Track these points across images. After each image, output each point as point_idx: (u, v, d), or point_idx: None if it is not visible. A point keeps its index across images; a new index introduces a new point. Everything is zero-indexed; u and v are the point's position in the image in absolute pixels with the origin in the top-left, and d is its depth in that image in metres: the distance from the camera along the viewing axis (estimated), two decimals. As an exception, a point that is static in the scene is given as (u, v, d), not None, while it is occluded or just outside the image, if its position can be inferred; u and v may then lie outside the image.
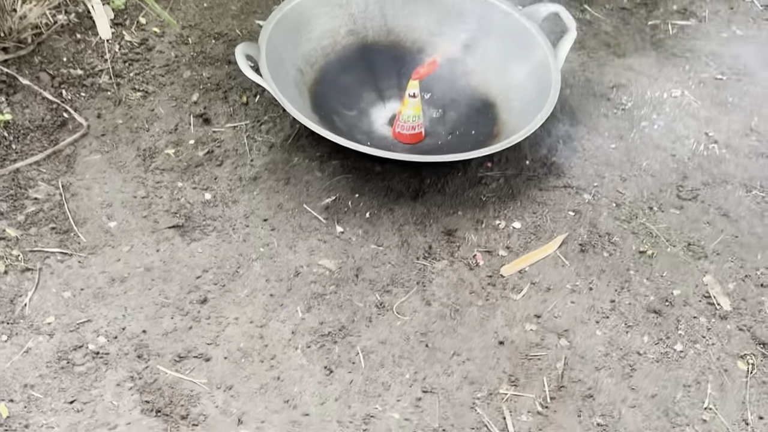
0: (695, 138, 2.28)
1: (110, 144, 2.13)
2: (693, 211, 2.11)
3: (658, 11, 2.66)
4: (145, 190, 2.05)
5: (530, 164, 2.18)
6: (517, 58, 2.28)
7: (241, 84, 2.29)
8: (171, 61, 2.34)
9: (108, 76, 2.27)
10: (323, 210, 2.04)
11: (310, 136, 2.17)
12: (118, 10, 2.43)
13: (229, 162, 2.12)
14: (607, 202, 2.11)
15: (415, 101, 2.16)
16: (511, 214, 2.07)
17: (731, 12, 2.69)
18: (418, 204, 2.07)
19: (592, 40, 2.53)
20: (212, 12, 2.48)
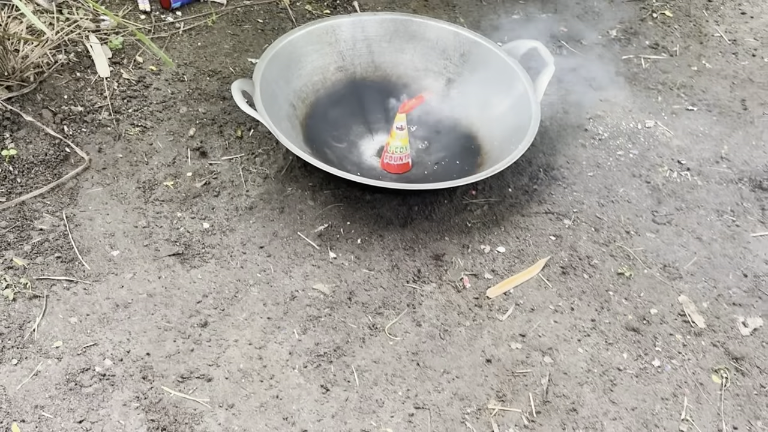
0: (668, 166, 2.39)
1: (111, 177, 2.22)
2: (668, 235, 2.22)
3: (631, 46, 2.78)
4: (146, 220, 2.13)
5: (513, 192, 2.28)
6: (498, 91, 2.39)
7: (236, 119, 2.38)
8: (168, 97, 2.43)
9: (108, 112, 2.37)
10: (317, 237, 2.13)
11: (302, 168, 2.27)
12: (115, 49, 2.53)
13: (225, 193, 2.21)
14: (587, 227, 2.22)
15: (402, 133, 2.26)
16: (496, 239, 2.17)
17: (701, 46, 2.81)
18: (407, 230, 2.16)
19: (569, 74, 2.65)
20: (206, 51, 2.59)
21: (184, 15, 2.70)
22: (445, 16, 2.77)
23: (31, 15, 2.18)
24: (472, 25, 2.72)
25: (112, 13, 2.65)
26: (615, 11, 2.91)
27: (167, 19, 2.67)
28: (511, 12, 2.86)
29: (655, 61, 2.73)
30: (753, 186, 2.36)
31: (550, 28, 2.81)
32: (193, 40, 2.62)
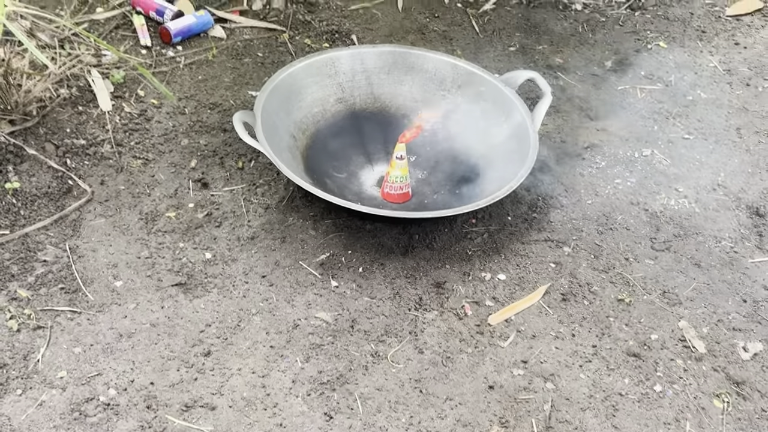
0: (666, 193, 2.42)
1: (114, 209, 2.24)
2: (667, 261, 2.24)
3: (627, 77, 2.81)
4: (149, 251, 2.15)
5: (512, 220, 2.30)
6: (496, 121, 2.41)
7: (237, 150, 2.41)
8: (169, 130, 2.46)
9: (110, 145, 2.39)
10: (318, 266, 2.14)
11: (303, 198, 2.29)
12: (117, 83, 2.56)
13: (227, 223, 2.23)
14: (586, 254, 2.24)
15: (402, 163, 2.28)
16: (496, 267, 2.18)
17: (696, 76, 2.84)
18: (408, 259, 2.18)
19: (566, 104, 2.68)
20: (207, 84, 2.61)
21: (184, 49, 2.73)
22: (443, 49, 2.81)
23: (34, 50, 2.21)
24: (470, 57, 2.76)
25: (114, 47, 2.68)
26: (610, 43, 2.94)
27: (168, 54, 2.70)
28: (507, 44, 2.89)
29: (650, 91, 2.76)
30: (750, 213, 2.38)
31: (546, 60, 2.84)
32: (194, 73, 2.65)
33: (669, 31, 3.02)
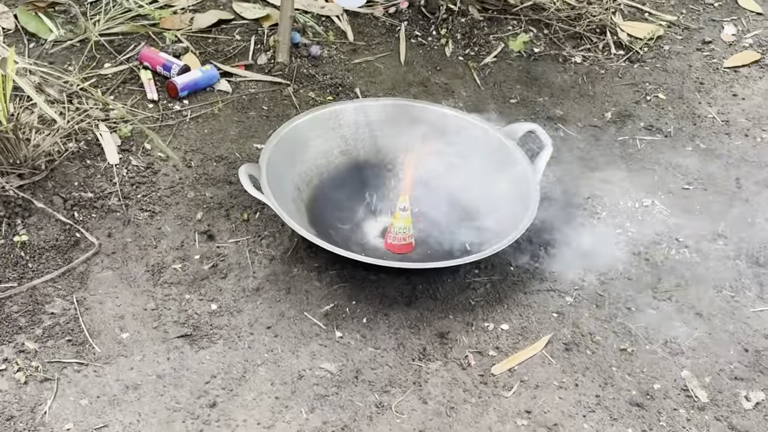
0: (667, 243, 2.44)
1: (121, 261, 2.27)
2: (668, 311, 2.25)
3: (626, 128, 2.85)
4: (155, 302, 2.17)
5: (515, 270, 2.32)
6: (498, 172, 2.44)
7: (242, 202, 2.44)
8: (175, 183, 2.49)
9: (117, 198, 2.42)
10: (323, 317, 2.17)
11: (308, 249, 2.31)
12: (124, 137, 2.60)
13: (232, 275, 2.26)
14: (588, 303, 2.25)
15: (405, 214, 2.31)
16: (499, 317, 2.20)
17: (695, 127, 2.88)
18: (411, 309, 2.20)
19: (567, 155, 2.71)
20: (213, 137, 2.65)
21: (191, 103, 2.77)
22: (445, 101, 2.85)
23: (43, 104, 2.26)
24: (471, 109, 2.80)
25: (121, 102, 2.72)
26: (610, 95, 2.98)
27: (175, 108, 2.75)
28: (508, 96, 2.94)
29: (650, 142, 2.80)
30: (750, 262, 2.40)
31: (547, 111, 2.88)
32: (200, 127, 2.69)
33: (667, 83, 3.06)
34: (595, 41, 3.22)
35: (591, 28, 3.26)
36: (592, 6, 3.35)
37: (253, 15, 3.16)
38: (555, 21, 3.27)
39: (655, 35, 3.27)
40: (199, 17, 3.12)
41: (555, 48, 3.18)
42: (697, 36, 3.32)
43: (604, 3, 3.38)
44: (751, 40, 3.32)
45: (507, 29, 3.25)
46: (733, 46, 3.29)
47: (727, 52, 3.25)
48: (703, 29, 3.37)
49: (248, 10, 3.18)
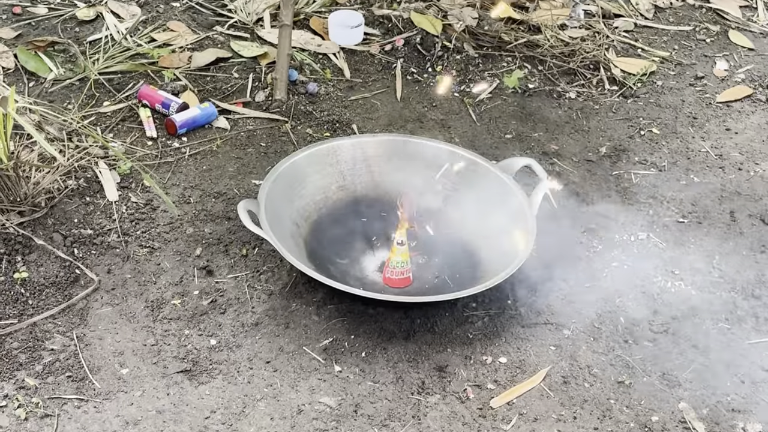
0: (662, 276, 2.46)
1: (120, 297, 2.28)
2: (665, 343, 2.27)
3: (621, 162, 2.88)
4: (155, 338, 2.18)
5: (512, 303, 2.34)
6: (495, 207, 2.47)
7: (241, 238, 2.45)
8: (174, 219, 2.51)
9: (116, 234, 2.44)
10: (322, 351, 2.18)
11: (306, 284, 2.33)
12: (123, 174, 2.62)
13: (231, 310, 2.27)
14: (585, 336, 2.27)
15: (403, 248, 2.33)
16: (497, 350, 2.21)
17: (689, 161, 2.91)
18: (410, 343, 2.21)
19: (562, 189, 2.73)
20: (211, 173, 2.68)
21: (189, 140, 2.80)
22: (441, 136, 2.87)
23: (44, 142, 2.28)
24: (467, 145, 2.82)
25: (120, 139, 2.75)
26: (604, 129, 3.02)
27: (174, 145, 2.77)
28: (504, 132, 2.97)
29: (644, 176, 2.82)
30: (745, 295, 2.42)
31: (542, 146, 2.91)
32: (198, 163, 2.71)
33: (661, 118, 3.09)
34: (588, 77, 3.26)
35: (585, 64, 3.30)
36: (586, 42, 3.39)
37: (251, 53, 3.20)
38: (549, 57, 3.31)
39: (648, 71, 3.31)
40: (198, 56, 3.15)
41: (549, 84, 3.22)
42: (689, 71, 3.36)
43: (598, 39, 3.43)
44: (743, 75, 3.37)
45: (502, 65, 3.29)
46: (726, 81, 3.33)
47: (719, 87, 3.29)
48: (696, 65, 3.41)
49: (246, 49, 3.22)
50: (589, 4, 3.65)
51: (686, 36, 3.58)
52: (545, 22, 3.45)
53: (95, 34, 3.22)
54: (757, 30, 3.65)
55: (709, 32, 3.61)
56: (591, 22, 3.55)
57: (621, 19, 3.62)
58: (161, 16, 3.37)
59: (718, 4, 3.78)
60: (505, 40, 3.36)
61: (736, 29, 3.64)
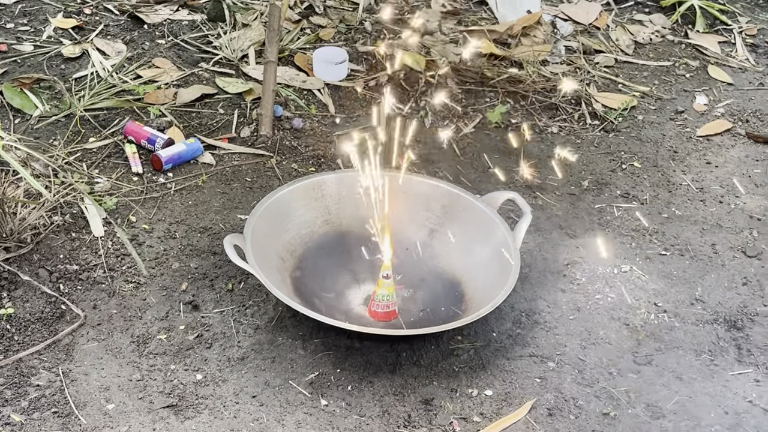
0: (646, 308, 2.48)
1: (106, 332, 2.28)
2: (649, 375, 2.28)
3: (603, 195, 2.91)
4: (140, 373, 2.18)
5: (497, 336, 2.35)
6: (479, 240, 2.49)
7: (227, 272, 2.46)
8: (160, 254, 2.52)
9: (102, 270, 2.44)
10: (308, 385, 2.18)
11: (292, 318, 2.33)
12: (109, 210, 2.63)
13: (217, 344, 2.27)
14: (570, 368, 2.28)
15: (388, 282, 2.34)
16: (483, 383, 2.22)
17: (670, 194, 2.94)
18: (396, 376, 2.22)
19: (546, 222, 2.76)
20: (197, 208, 2.69)
21: (175, 176, 2.81)
22: (425, 171, 2.90)
23: (30, 179, 2.29)
24: (451, 178, 2.85)
25: (106, 176, 2.76)
26: (586, 163, 3.05)
27: (159, 180, 2.78)
28: (487, 165, 2.99)
29: (626, 209, 2.85)
30: (728, 326, 2.44)
31: (525, 180, 2.94)
32: (184, 199, 2.72)
33: (642, 152, 3.13)
34: (570, 112, 3.30)
35: (566, 99, 3.34)
36: (567, 78, 3.44)
37: (236, 89, 3.23)
38: (531, 93, 3.35)
39: (629, 105, 3.36)
40: (183, 92, 3.18)
41: (532, 119, 3.25)
42: (670, 106, 3.41)
43: (579, 75, 3.47)
44: (722, 109, 3.41)
45: (485, 101, 3.32)
46: (705, 115, 3.38)
47: (699, 122, 3.33)
48: (676, 99, 3.46)
49: (231, 85, 3.24)
50: (570, 41, 3.71)
51: (666, 71, 3.64)
52: (527, 58, 3.50)
53: (81, 71, 3.24)
54: (736, 65, 3.71)
55: (688, 67, 3.66)
56: (572, 58, 3.60)
57: (602, 54, 3.67)
58: (147, 53, 3.39)
59: (697, 39, 3.84)
60: (488, 75, 3.40)
61: (715, 64, 3.70)
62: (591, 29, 3.85)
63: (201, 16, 3.62)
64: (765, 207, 2.90)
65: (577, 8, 3.96)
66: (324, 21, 3.68)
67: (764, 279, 2.60)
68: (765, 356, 2.35)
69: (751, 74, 3.65)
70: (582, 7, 3.97)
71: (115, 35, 3.47)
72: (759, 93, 3.53)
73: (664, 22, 3.93)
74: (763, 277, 2.61)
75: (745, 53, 3.79)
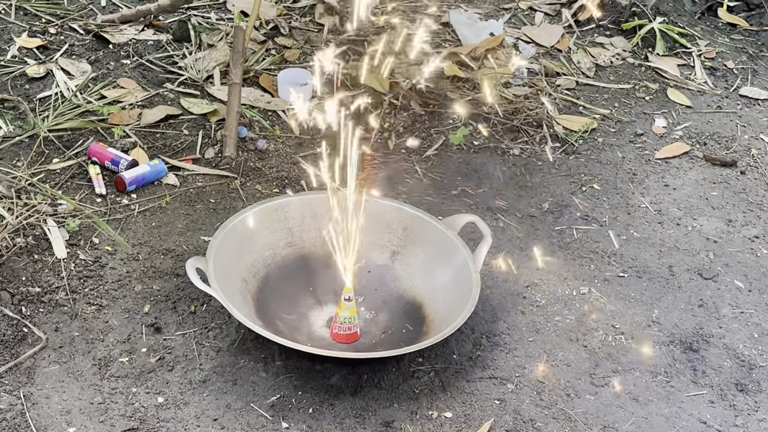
0: (603, 330, 2.52)
1: (68, 355, 2.28)
2: (606, 396, 2.32)
3: (563, 218, 2.95)
4: (102, 396, 2.19)
5: (457, 358, 2.38)
6: (440, 263, 2.52)
7: (189, 294, 2.47)
8: (123, 276, 2.53)
9: (65, 292, 2.45)
10: (269, 408, 2.19)
11: (254, 340, 2.35)
12: (72, 231, 2.63)
13: (179, 367, 2.28)
14: (529, 390, 2.31)
15: (350, 304, 2.37)
16: (443, 405, 2.25)
17: (629, 217, 2.99)
18: (357, 398, 2.24)
19: (506, 244, 2.79)
20: (160, 230, 2.70)
21: (138, 197, 2.82)
22: (388, 193, 2.92)
23: (-7, 201, 2.29)
24: (414, 201, 2.87)
25: (69, 197, 2.76)
26: (547, 185, 3.09)
27: (122, 202, 2.79)
28: (449, 188, 3.03)
29: (586, 231, 2.89)
30: (684, 348, 2.48)
31: (486, 202, 2.97)
32: (147, 220, 2.73)
33: (602, 174, 3.18)
34: (532, 134, 3.34)
35: (528, 121, 3.39)
36: (529, 101, 3.48)
37: (201, 110, 3.24)
38: (493, 115, 3.39)
39: (589, 128, 3.41)
40: (147, 112, 3.19)
41: (494, 141, 3.29)
42: (629, 128, 3.46)
43: (541, 97, 3.52)
44: (681, 132, 3.47)
45: (447, 123, 3.36)
46: (664, 138, 3.43)
47: (658, 144, 3.39)
48: (635, 122, 3.51)
49: (196, 106, 3.26)
50: (533, 63, 3.75)
51: (626, 94, 3.69)
52: (489, 80, 3.54)
53: (45, 91, 3.24)
54: (695, 88, 3.77)
55: (648, 90, 3.72)
56: (534, 81, 3.65)
57: (563, 77, 3.72)
58: (111, 73, 3.40)
59: (657, 62, 3.90)
60: (451, 98, 3.44)
61: (674, 87, 3.76)
62: (553, 52, 3.90)
63: (166, 36, 3.63)
64: (721, 229, 2.96)
65: (539, 31, 4.01)
66: (289, 42, 3.71)
67: (720, 301, 2.66)
68: (719, 378, 2.40)
69: (710, 97, 3.72)
70: (544, 29, 4.02)
71: (80, 55, 3.47)
72: (717, 116, 3.59)
73: (625, 45, 3.99)
74: (718, 299, 2.66)
75: (703, 76, 3.85)
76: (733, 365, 2.44)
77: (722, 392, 2.35)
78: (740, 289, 2.71)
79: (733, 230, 2.96)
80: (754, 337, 2.54)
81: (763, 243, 2.91)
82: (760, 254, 2.86)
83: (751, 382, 2.39)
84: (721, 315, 2.61)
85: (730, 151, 3.37)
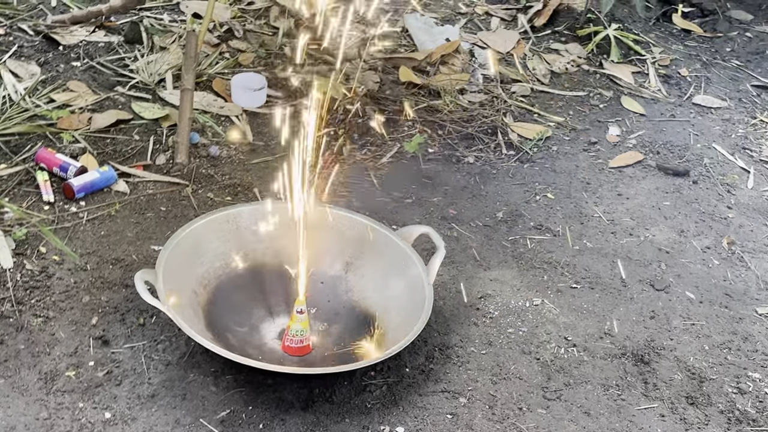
0: (556, 342, 2.52)
1: (13, 369, 2.23)
2: (558, 410, 2.32)
3: (517, 227, 2.95)
4: (47, 411, 2.14)
5: (410, 371, 2.37)
6: (393, 274, 2.51)
7: (138, 306, 2.43)
8: (70, 287, 2.48)
9: (10, 303, 2.40)
10: (219, 423, 2.16)
11: (204, 353, 2.31)
12: (18, 240, 2.58)
13: (127, 381, 2.24)
14: (481, 404, 2.31)
15: (302, 317, 2.34)
16: (395, 419, 2.23)
17: (582, 226, 2.99)
18: (308, 413, 2.21)
19: (460, 254, 2.79)
20: (109, 239, 2.65)
21: (87, 205, 2.77)
22: (342, 202, 2.90)
23: (-65, 210, 2.24)
24: (367, 210, 2.85)
25: (16, 204, 2.70)
26: (501, 194, 3.09)
27: (71, 209, 2.74)
28: (404, 196, 3.01)
29: (539, 241, 2.89)
30: (635, 360, 2.49)
31: (441, 211, 2.97)
32: (96, 229, 2.68)
33: (556, 183, 3.19)
34: (487, 142, 3.34)
35: (483, 129, 3.39)
36: (484, 108, 3.48)
37: (152, 115, 3.19)
38: (448, 122, 3.39)
39: (543, 136, 3.41)
40: (98, 117, 3.14)
41: (449, 149, 3.29)
42: (583, 136, 3.48)
43: (496, 105, 3.52)
44: (634, 140, 3.49)
45: (403, 130, 3.35)
46: (618, 146, 3.45)
47: (612, 153, 3.40)
48: (590, 130, 3.53)
49: (147, 110, 3.21)
50: (488, 69, 3.75)
51: (581, 101, 3.71)
52: (445, 86, 3.53)
53: (-8, 94, 3.18)
54: (649, 96, 3.80)
55: (602, 98, 3.74)
56: (489, 87, 3.65)
57: (518, 84, 3.72)
58: (61, 75, 3.34)
59: (611, 69, 3.92)
60: (406, 104, 3.43)
61: (628, 95, 3.79)
62: (508, 58, 3.90)
63: (118, 38, 3.58)
64: (673, 240, 2.97)
65: (495, 36, 4.01)
66: (243, 45, 3.67)
67: (671, 312, 2.67)
68: (670, 391, 2.41)
69: (663, 105, 3.74)
70: (500, 35, 4.03)
71: (29, 57, 3.41)
72: (670, 124, 3.62)
73: (580, 52, 4.01)
74: (670, 311, 2.67)
75: (657, 84, 3.88)
76: (683, 378, 2.46)
77: (673, 405, 2.37)
78: (691, 301, 2.73)
79: (685, 240, 2.98)
80: (704, 349, 2.56)
81: (714, 254, 2.94)
82: (711, 265, 2.88)
83: (702, 395, 2.40)
84: (672, 327, 2.62)
85: (683, 160, 3.40)
